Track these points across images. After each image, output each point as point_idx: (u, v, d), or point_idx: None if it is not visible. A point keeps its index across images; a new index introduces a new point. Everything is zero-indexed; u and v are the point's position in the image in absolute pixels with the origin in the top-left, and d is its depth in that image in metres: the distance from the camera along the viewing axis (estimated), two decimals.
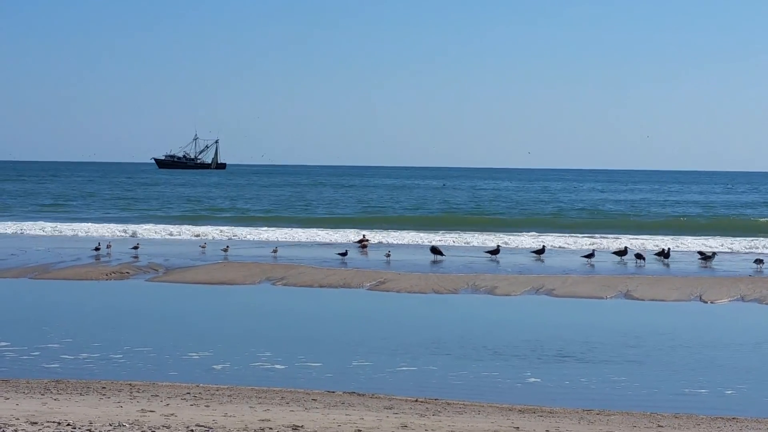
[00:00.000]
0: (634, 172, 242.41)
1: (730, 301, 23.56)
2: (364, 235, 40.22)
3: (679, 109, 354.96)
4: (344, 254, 33.05)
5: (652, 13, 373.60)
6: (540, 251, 34.84)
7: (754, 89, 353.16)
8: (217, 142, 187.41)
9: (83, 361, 15.55)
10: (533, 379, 14.64)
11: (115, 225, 47.76)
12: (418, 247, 38.62)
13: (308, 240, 41.92)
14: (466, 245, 39.50)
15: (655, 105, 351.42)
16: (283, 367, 15.28)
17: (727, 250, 38.21)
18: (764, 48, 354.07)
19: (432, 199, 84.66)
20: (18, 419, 10.48)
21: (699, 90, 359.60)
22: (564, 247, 38.86)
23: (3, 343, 16.73)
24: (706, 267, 31.51)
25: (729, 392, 14.03)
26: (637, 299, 23.66)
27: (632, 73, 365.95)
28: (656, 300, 23.52)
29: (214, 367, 15.22)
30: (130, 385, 13.59)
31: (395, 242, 40.58)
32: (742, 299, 23.77)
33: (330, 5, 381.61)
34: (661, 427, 11.76)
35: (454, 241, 40.46)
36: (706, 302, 23.27)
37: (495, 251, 34.60)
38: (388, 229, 46.83)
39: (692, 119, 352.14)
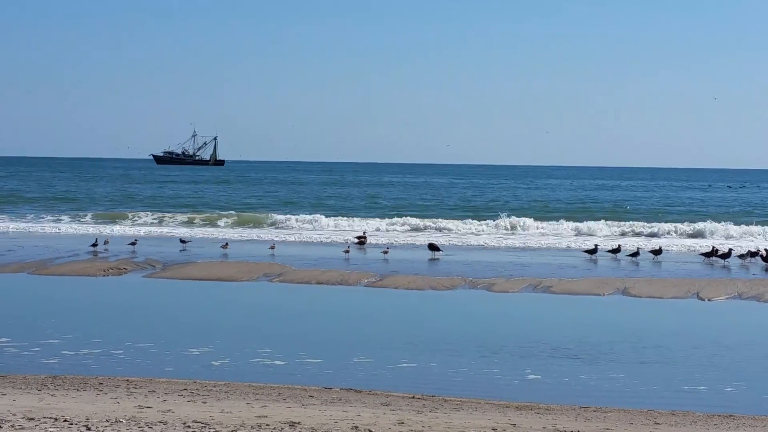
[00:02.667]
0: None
1: (727, 298, 23.58)
2: (364, 232, 40.18)
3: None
4: (347, 251, 33.14)
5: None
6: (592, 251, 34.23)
7: (734, 86, 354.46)
8: (215, 138, 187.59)
9: (80, 357, 15.54)
10: (533, 376, 14.64)
11: (111, 223, 47.77)
12: (415, 244, 38.59)
13: (304, 237, 41.91)
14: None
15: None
16: (283, 363, 15.27)
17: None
18: (750, 46, 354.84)
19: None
20: (15, 415, 10.48)
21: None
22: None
23: (2, 339, 16.73)
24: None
25: (729, 389, 14.03)
26: (635, 296, 23.68)
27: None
28: (654, 297, 23.53)
29: (213, 363, 15.21)
30: (127, 380, 13.58)
31: (391, 240, 40.58)
32: (740, 297, 23.79)
33: (327, 1, 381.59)
34: (658, 424, 11.77)
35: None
36: (704, 299, 23.29)
37: (593, 251, 34.06)
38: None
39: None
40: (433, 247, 33.83)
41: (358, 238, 38.44)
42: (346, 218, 50.67)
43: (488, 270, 28.32)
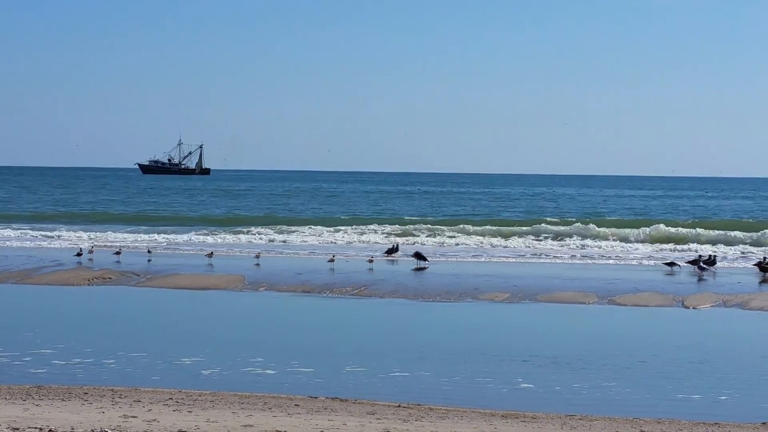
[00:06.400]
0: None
1: (712, 306, 23.66)
2: (397, 244, 38.05)
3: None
4: (332, 260, 32.76)
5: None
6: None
7: (727, 92, 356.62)
8: (201, 147, 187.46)
9: (65, 366, 15.47)
10: (525, 385, 14.63)
11: (97, 232, 47.70)
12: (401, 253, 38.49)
13: (289, 246, 41.94)
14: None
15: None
16: (274, 372, 15.24)
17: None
18: (744, 51, 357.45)
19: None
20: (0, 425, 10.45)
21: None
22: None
23: None
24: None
25: (723, 398, 14.03)
26: (620, 305, 23.74)
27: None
28: (638, 306, 23.60)
29: (203, 372, 15.16)
30: (112, 390, 13.53)
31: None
32: (724, 304, 23.88)
33: (316, 9, 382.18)
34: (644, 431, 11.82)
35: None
36: (689, 308, 23.37)
37: (672, 263, 32.78)
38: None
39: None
40: (419, 256, 33.57)
41: (393, 249, 36.89)
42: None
43: (473, 279, 28.28)
